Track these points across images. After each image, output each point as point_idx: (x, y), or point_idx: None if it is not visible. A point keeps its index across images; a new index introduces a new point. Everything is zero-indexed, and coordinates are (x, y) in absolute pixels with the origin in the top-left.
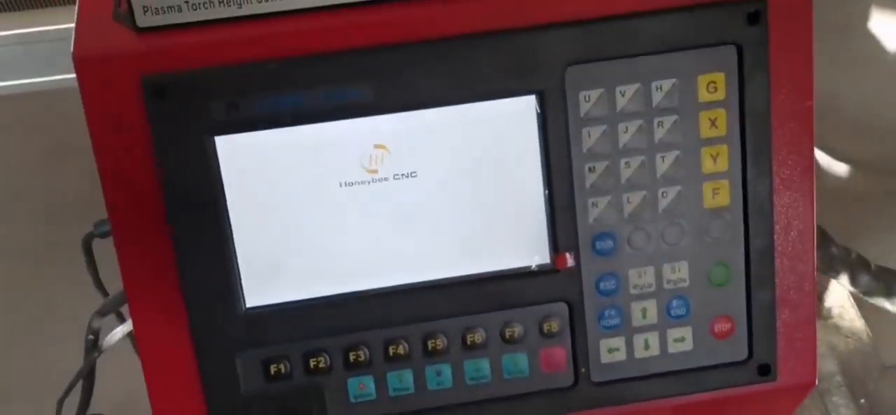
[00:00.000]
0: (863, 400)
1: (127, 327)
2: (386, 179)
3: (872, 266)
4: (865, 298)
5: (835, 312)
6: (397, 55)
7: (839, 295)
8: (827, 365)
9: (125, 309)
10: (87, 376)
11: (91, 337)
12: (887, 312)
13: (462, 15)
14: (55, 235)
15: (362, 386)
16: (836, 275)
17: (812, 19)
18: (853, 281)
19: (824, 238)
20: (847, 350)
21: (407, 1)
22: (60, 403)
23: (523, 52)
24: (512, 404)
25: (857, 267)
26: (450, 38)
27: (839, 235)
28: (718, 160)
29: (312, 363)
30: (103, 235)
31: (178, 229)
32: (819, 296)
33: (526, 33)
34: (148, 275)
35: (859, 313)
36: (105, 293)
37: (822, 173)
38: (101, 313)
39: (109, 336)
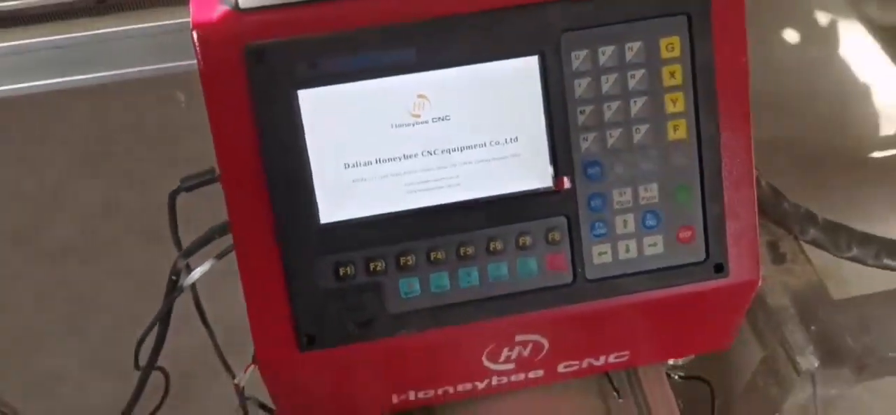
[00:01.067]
0: (813, 327)
1: (205, 267)
2: (426, 122)
3: (820, 220)
4: (813, 246)
5: (788, 258)
6: (434, 26)
7: (791, 244)
8: (782, 299)
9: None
10: (165, 318)
11: (173, 277)
12: (832, 257)
13: None
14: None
15: (410, 285)
16: (788, 228)
17: None
18: (802, 232)
19: (777, 195)
20: (799, 288)
21: None
22: (139, 343)
23: (529, 22)
24: (524, 298)
25: (806, 221)
26: (473, 13)
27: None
28: (677, 104)
29: (372, 267)
30: (188, 189)
31: (270, 164)
32: (775, 244)
33: (531, 8)
34: (247, 201)
35: (808, 259)
36: (180, 247)
37: None
38: (187, 253)
39: (189, 277)
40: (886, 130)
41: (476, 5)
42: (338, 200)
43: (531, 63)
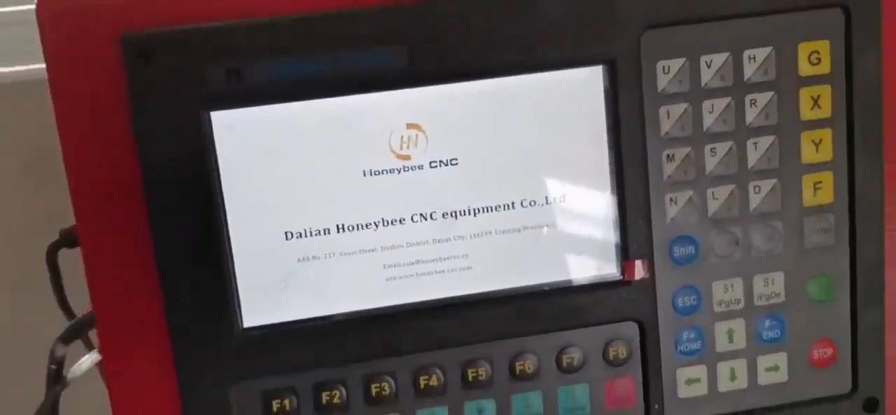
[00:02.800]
0: None
1: (95, 356)
2: (420, 167)
3: None
4: None
5: None
6: (436, 12)
7: None
8: None
9: (94, 334)
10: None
11: (54, 367)
12: None
13: None
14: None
15: None
16: None
17: None
18: None
19: None
20: None
21: None
22: None
23: (590, 11)
24: None
25: None
26: None
27: None
28: (821, 148)
29: (325, 398)
30: (72, 245)
31: (161, 228)
32: None
33: None
34: (121, 287)
35: None
36: (71, 315)
37: None
38: (65, 339)
39: (75, 367)
40: None
41: None
42: (270, 292)
43: (592, 76)
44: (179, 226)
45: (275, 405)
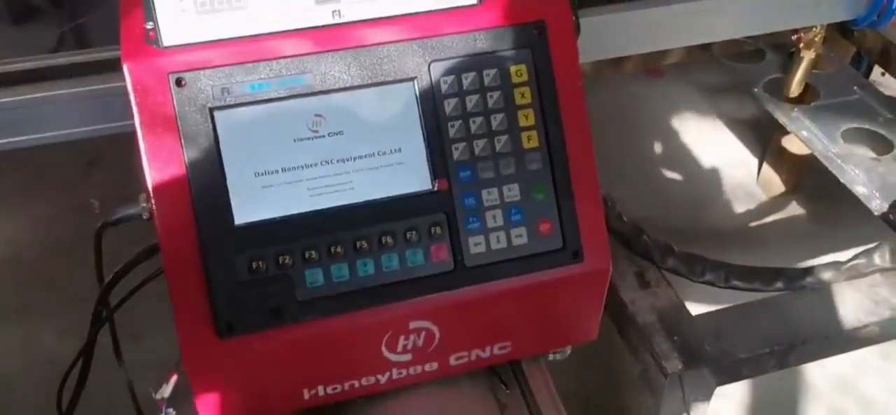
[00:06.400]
0: (676, 338)
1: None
2: (323, 137)
3: (676, 251)
4: (672, 273)
5: (653, 283)
6: (330, 59)
7: (654, 273)
8: (650, 318)
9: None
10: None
11: (100, 308)
12: (688, 281)
13: (369, 36)
14: None
15: (315, 276)
16: (650, 258)
17: (572, 28)
18: (662, 262)
19: (639, 231)
20: (663, 307)
21: (335, 26)
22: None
23: (405, 55)
24: (414, 284)
25: (665, 252)
26: (362, 47)
27: None
28: (528, 118)
29: (281, 261)
30: (116, 223)
31: (192, 171)
32: (641, 273)
33: (406, 44)
34: (173, 205)
35: (669, 283)
36: (101, 282)
37: None
38: (115, 280)
39: None
40: (741, 207)
41: (364, 41)
42: (250, 204)
43: (408, 87)
44: (202, 169)
45: (255, 265)
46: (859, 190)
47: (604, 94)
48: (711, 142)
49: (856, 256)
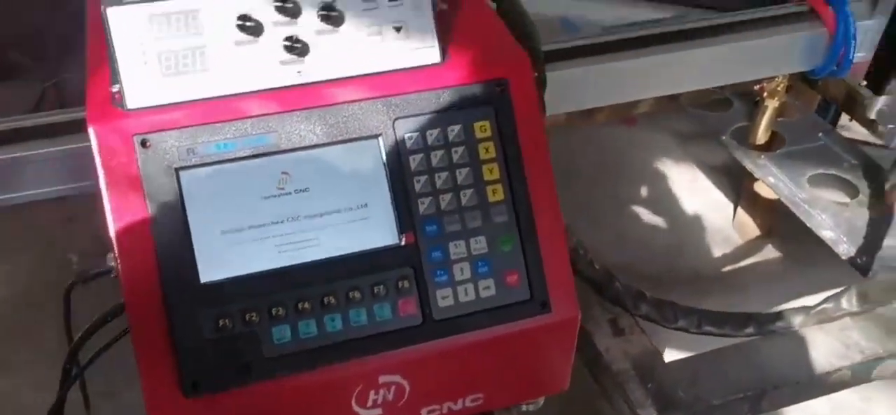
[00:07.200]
0: (650, 385)
1: None
2: (290, 194)
3: (648, 297)
4: (645, 319)
5: (626, 331)
6: (295, 118)
7: (628, 319)
8: (623, 365)
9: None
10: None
11: (67, 367)
12: (661, 327)
13: (334, 95)
14: None
15: (282, 332)
16: (623, 305)
17: (534, 84)
18: (635, 308)
19: (610, 278)
20: (637, 354)
21: (299, 86)
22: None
23: (370, 113)
24: (382, 339)
25: (637, 298)
26: (327, 106)
27: None
28: (493, 172)
29: (247, 318)
30: (85, 281)
31: (157, 230)
32: (614, 321)
33: (370, 102)
34: (138, 264)
35: (642, 330)
36: (70, 341)
37: None
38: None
39: None
40: (719, 250)
41: (329, 101)
42: (216, 261)
43: (373, 143)
44: (167, 229)
45: (221, 323)
46: (826, 234)
47: (579, 142)
48: (687, 188)
49: (824, 301)
